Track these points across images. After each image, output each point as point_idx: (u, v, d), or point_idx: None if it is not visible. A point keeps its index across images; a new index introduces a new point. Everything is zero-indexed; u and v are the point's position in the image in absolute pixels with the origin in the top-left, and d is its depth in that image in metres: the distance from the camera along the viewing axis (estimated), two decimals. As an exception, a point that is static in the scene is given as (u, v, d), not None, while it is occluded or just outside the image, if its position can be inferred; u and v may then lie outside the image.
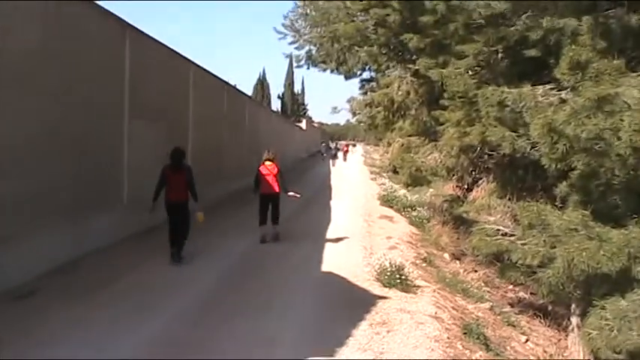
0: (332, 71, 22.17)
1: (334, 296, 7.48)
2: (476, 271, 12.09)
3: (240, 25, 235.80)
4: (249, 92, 71.31)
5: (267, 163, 10.98)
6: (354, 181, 27.96)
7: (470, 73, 11.24)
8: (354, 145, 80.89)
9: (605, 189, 7.41)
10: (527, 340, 8.20)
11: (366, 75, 23.67)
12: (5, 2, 6.73)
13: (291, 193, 11.14)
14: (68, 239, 8.41)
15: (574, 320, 8.80)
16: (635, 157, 6.19)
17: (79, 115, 8.68)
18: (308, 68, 21.66)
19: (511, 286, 11.57)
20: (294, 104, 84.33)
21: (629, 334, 6.09)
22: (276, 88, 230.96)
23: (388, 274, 8.15)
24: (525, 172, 11.64)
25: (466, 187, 17.84)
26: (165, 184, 8.87)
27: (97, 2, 9.23)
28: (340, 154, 49.32)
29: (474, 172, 15.53)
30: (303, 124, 58.35)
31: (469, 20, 10.82)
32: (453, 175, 16.35)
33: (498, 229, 8.89)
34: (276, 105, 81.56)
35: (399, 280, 8.02)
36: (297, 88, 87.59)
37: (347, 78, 23.13)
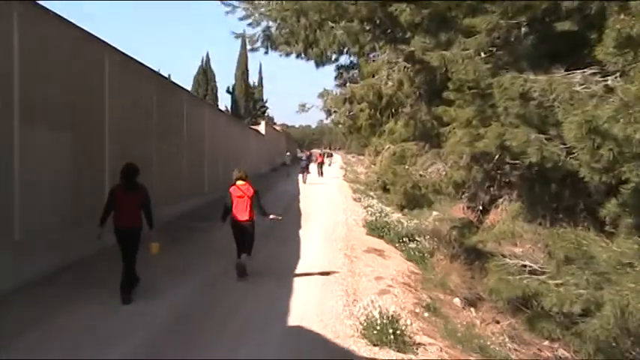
0: (298, 56, 21.96)
1: (304, 361, 7.35)
2: (497, 322, 12.06)
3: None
4: (189, 86, 71.31)
5: (240, 183, 11.72)
6: (330, 203, 28.07)
7: (482, 55, 11.26)
8: (331, 155, 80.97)
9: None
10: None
11: (343, 60, 23.59)
12: None
13: (272, 217, 11.93)
14: None
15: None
16: None
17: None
18: (266, 52, 21.13)
19: (546, 342, 11.54)
20: (249, 101, 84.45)
21: None
22: (224, 79, 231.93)
23: (378, 328, 8.08)
24: (560, 187, 11.68)
25: (481, 208, 17.88)
26: (115, 208, 9.57)
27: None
28: (313, 167, 49.36)
29: (491, 189, 15.59)
30: (262, 128, 58.23)
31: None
32: (463, 192, 16.42)
33: (524, 265, 8.85)
34: (224, 102, 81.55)
35: (392, 336, 7.96)
36: (252, 79, 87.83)
37: (318, 65, 22.96)
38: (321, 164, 50.53)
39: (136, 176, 9.73)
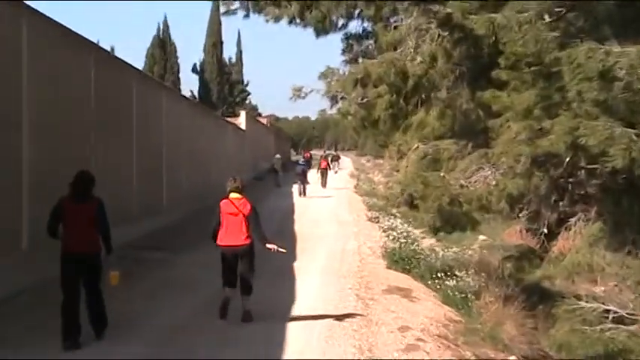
0: (291, 21, 21.99)
1: None
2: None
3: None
4: (140, 64, 71.29)
5: (234, 196, 11.91)
6: (337, 224, 28.07)
7: (546, 19, 11.29)
8: (338, 158, 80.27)
9: None
10: None
11: (354, 27, 23.67)
12: None
13: (270, 246, 11.92)
14: None
15: None
16: None
17: None
18: (247, 16, 21.23)
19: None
20: (224, 84, 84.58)
21: None
22: (189, 54, 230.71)
23: (405, 401, 8.05)
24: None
25: (545, 231, 17.89)
26: (64, 226, 9.95)
27: None
28: (314, 174, 49.67)
29: (559, 204, 15.58)
30: (242, 120, 58.11)
31: None
32: (521, 209, 16.41)
33: (607, 310, 8.85)
34: (189, 86, 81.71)
35: (425, 413, 7.92)
36: (228, 53, 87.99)
37: (320, 33, 23.01)
38: (324, 171, 50.63)
39: (91, 187, 10.32)
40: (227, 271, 11.89)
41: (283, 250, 12.47)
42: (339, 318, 12.74)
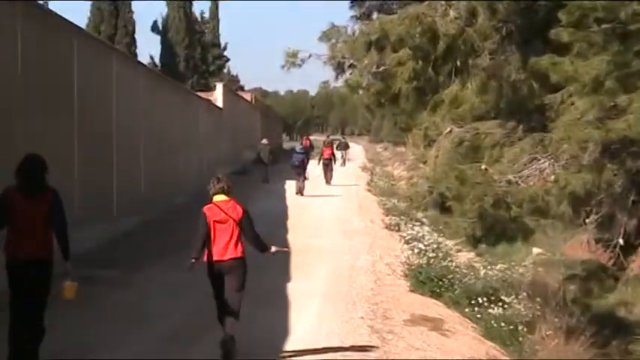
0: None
1: None
2: None
3: None
4: (83, 22, 71.34)
5: (220, 198, 11.98)
6: (344, 234, 28.02)
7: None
8: (346, 147, 79.27)
9: None
10: None
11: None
12: None
13: (273, 249, 12.69)
14: None
15: None
16: None
17: None
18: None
19: None
20: (195, 47, 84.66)
21: None
22: (147, 9, 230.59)
23: None
24: None
25: (621, 242, 17.72)
26: (9, 224, 10.00)
27: None
28: (314, 167, 49.66)
29: (640, 207, 15.49)
30: (219, 95, 57.94)
31: None
32: (588, 214, 16.27)
33: None
34: (149, 49, 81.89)
35: None
36: (199, 6, 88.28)
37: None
38: (328, 162, 49.79)
39: (44, 175, 10.29)
40: (217, 295, 11.99)
41: (286, 249, 14.23)
42: (348, 358, 12.63)
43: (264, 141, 55.54)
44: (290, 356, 12.90)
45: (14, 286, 9.93)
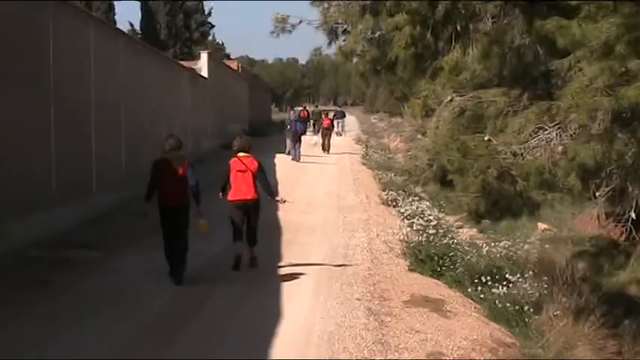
0: None
1: None
2: None
3: None
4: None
5: (242, 154, 17.15)
6: (340, 210, 28.26)
7: None
8: (343, 116, 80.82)
9: None
10: None
11: None
12: None
13: (279, 198, 18.63)
14: None
15: None
16: None
17: None
18: None
19: None
20: (177, 12, 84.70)
21: None
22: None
23: None
24: None
25: (633, 216, 17.59)
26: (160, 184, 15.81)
27: None
28: (310, 137, 52.72)
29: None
30: (204, 64, 57.89)
31: None
32: (598, 187, 16.36)
33: None
34: (128, 16, 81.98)
35: None
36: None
37: None
38: (327, 130, 52.50)
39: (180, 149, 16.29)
40: (236, 225, 17.15)
41: (291, 201, 19.56)
42: (343, 340, 12.74)
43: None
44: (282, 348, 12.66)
45: (164, 223, 15.95)
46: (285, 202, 18.51)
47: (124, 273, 17.30)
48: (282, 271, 17.95)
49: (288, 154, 45.43)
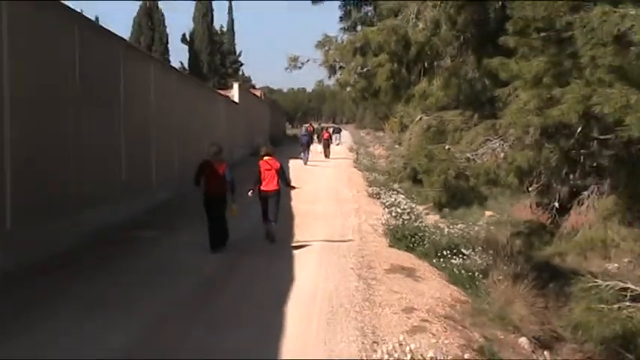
0: (286, -14, 21.97)
1: None
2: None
3: None
4: (127, 34, 71.01)
5: (267, 158, 18.10)
6: (337, 201, 28.26)
7: (556, -19, 11.23)
8: (339, 131, 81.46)
9: None
10: None
11: (352, -6, 23.57)
12: None
13: (293, 185, 19.94)
14: None
15: None
16: None
17: None
18: (239, -19, 21.22)
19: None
20: (215, 54, 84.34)
21: None
22: (178, 22, 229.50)
23: (411, 384, 7.98)
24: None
25: (557, 205, 17.80)
26: (205, 178, 16.96)
27: None
28: (316, 146, 52.53)
29: (571, 177, 15.53)
30: (235, 93, 57.71)
31: None
32: (531, 183, 16.42)
33: (624, 289, 8.77)
34: (179, 57, 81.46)
35: (433, 399, 7.86)
36: (219, 22, 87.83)
37: (315, -1, 22.99)
38: (327, 142, 53.79)
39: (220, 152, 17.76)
40: (264, 208, 18.08)
41: (299, 187, 21.15)
42: (340, 299, 12.78)
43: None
44: (294, 302, 12.88)
45: (207, 208, 16.91)
46: (294, 188, 20.09)
47: (176, 246, 17.70)
48: (295, 246, 18.05)
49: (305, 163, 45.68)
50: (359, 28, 21.64)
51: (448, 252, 17.22)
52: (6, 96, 14.05)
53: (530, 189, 17.32)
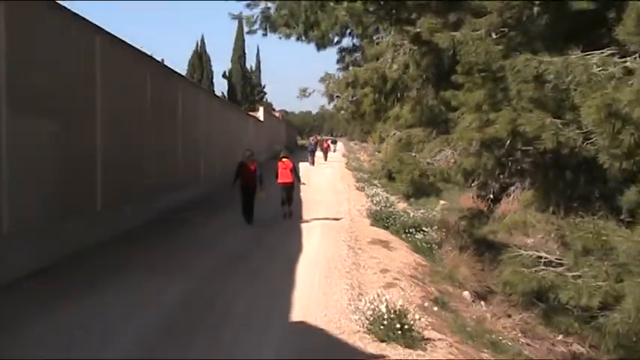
0: (298, 38, 21.84)
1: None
2: (509, 316, 12.01)
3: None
4: (183, 71, 71.01)
5: (284, 159, 18.51)
6: (333, 192, 28.19)
7: (494, 36, 11.18)
8: (335, 142, 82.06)
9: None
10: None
11: (346, 43, 23.53)
12: None
13: (302, 181, 20.35)
14: None
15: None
16: None
17: None
18: (265, 34, 21.07)
19: (561, 337, 11.45)
20: (247, 86, 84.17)
21: None
22: (220, 63, 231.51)
23: (385, 322, 7.98)
24: (576, 174, 11.61)
25: (491, 197, 17.88)
26: (242, 175, 17.36)
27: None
28: (318, 154, 53.22)
29: (502, 176, 15.52)
30: (260, 114, 57.91)
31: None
32: (473, 180, 16.41)
33: (539, 257, 8.76)
34: (220, 88, 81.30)
35: (400, 332, 7.86)
36: (249, 63, 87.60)
37: (320, 47, 22.86)
38: (326, 150, 57.56)
39: (253, 155, 18.35)
40: (282, 196, 18.59)
41: (306, 184, 22.58)
42: (335, 262, 12.82)
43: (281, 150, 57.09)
44: (302, 264, 12.86)
45: (244, 195, 17.26)
46: (304, 184, 20.61)
47: (217, 225, 17.59)
48: (303, 224, 18.11)
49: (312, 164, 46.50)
50: (350, 68, 21.60)
51: (413, 229, 17.25)
52: (98, 120, 14.11)
53: (472, 185, 17.34)
